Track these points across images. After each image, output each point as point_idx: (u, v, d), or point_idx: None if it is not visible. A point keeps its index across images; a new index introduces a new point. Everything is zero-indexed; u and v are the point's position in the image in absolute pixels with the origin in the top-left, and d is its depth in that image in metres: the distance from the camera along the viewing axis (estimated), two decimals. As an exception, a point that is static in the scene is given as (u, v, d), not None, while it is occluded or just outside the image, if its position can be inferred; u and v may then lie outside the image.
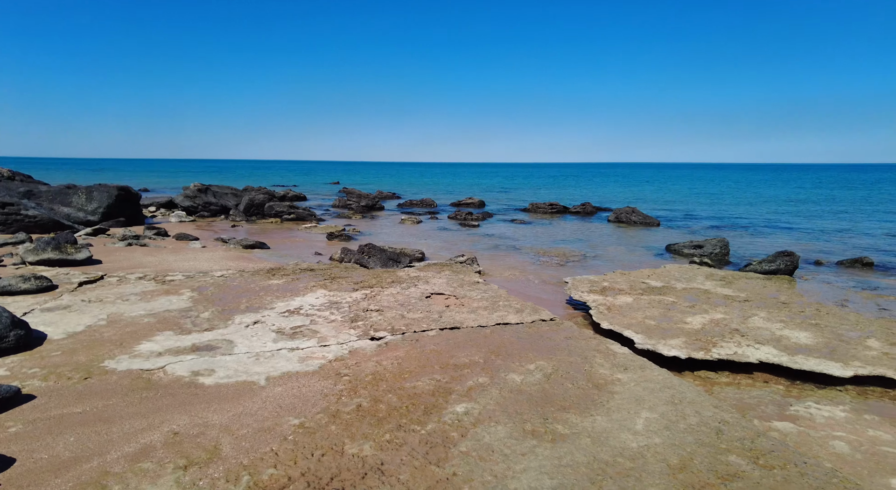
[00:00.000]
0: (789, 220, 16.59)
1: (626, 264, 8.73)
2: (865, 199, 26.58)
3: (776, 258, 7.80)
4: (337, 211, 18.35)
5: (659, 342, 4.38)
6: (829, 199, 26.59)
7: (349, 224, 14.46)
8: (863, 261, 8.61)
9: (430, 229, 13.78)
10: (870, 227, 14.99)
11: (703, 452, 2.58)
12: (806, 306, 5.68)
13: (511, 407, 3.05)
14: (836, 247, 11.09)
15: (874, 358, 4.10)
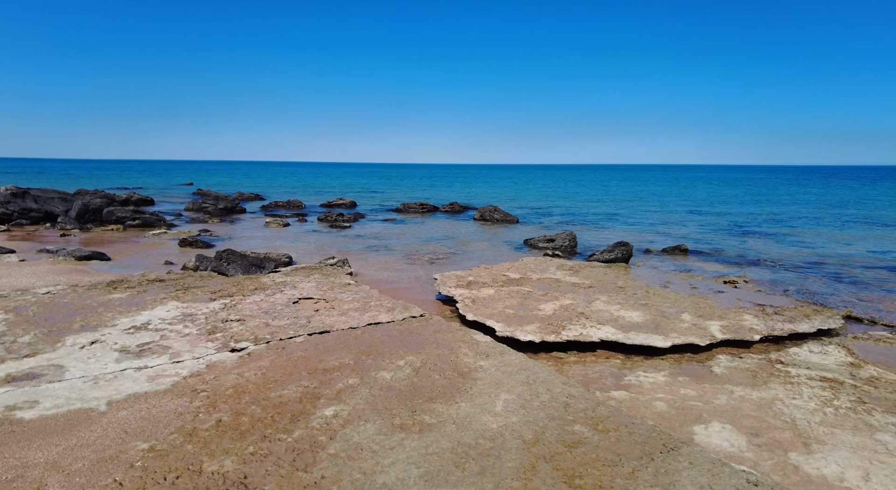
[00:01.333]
0: (628, 215, 18.93)
1: (490, 259, 9.27)
2: (689, 197, 31.27)
3: (615, 248, 8.88)
4: (191, 215, 16.81)
5: (517, 329, 4.76)
6: (660, 197, 30.81)
7: (206, 229, 13.34)
8: (680, 248, 10.17)
9: (299, 232, 13.29)
10: (687, 219, 17.71)
11: (553, 425, 2.88)
12: (638, 289, 6.55)
13: (381, 404, 3.10)
14: (661, 237, 12.93)
15: (686, 329, 4.89)
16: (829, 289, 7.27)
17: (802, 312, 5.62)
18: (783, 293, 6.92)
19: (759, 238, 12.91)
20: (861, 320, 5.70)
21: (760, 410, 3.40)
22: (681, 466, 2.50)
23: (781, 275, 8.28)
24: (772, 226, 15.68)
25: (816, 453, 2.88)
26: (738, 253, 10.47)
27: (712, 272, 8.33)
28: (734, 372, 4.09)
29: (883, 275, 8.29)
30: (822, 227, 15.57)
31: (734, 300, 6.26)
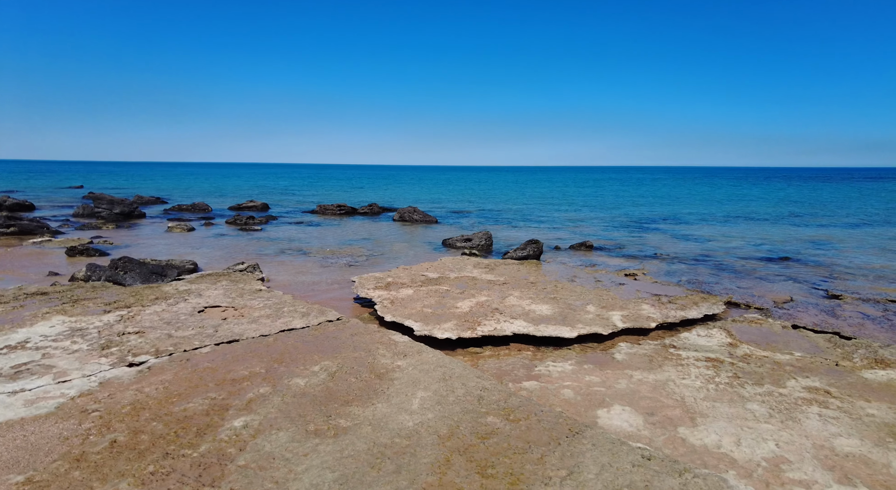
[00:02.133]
0: (540, 214, 19.80)
1: (409, 260, 9.31)
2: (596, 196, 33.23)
3: (527, 246, 9.26)
4: (81, 221, 15.27)
5: (434, 327, 4.83)
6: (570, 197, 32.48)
7: (99, 236, 12.19)
8: (586, 244, 10.82)
9: (205, 237, 12.53)
10: (594, 217, 18.85)
11: (467, 419, 2.97)
12: (548, 284, 6.88)
13: (294, 411, 3.03)
14: (570, 234, 13.67)
15: (591, 320, 5.22)
16: (714, 278, 8.07)
17: (692, 300, 6.20)
18: (676, 283, 7.59)
19: (656, 234, 14.04)
20: (739, 305, 6.40)
21: (655, 391, 3.72)
22: (584, 448, 2.68)
23: (675, 267, 9.07)
24: (668, 222, 17.11)
25: (700, 426, 3.20)
26: (638, 248, 11.33)
27: (615, 266, 8.95)
28: (633, 358, 4.43)
29: (757, 265, 9.35)
30: (709, 223, 17.23)
31: (634, 291, 6.77)
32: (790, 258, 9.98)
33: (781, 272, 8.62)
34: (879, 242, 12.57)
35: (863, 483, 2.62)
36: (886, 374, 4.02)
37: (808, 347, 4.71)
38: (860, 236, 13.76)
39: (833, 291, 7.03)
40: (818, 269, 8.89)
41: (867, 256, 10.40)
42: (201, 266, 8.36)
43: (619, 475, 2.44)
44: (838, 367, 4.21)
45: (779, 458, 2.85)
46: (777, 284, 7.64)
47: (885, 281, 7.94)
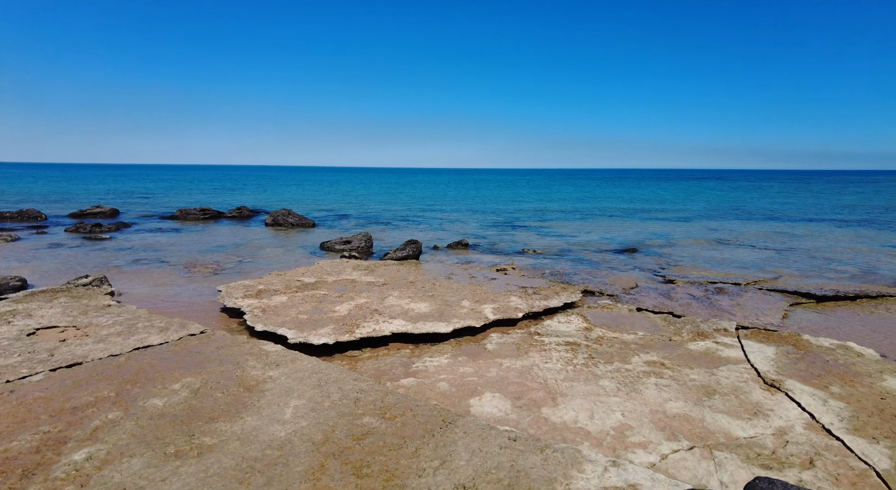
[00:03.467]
0: (419, 215, 20.14)
1: (284, 265, 8.93)
2: (471, 196, 34.55)
3: (406, 246, 9.39)
4: None
5: (310, 333, 4.70)
6: (448, 197, 33.42)
7: None
8: (462, 243, 11.27)
9: (37, 248, 10.82)
10: (470, 217, 19.65)
11: (343, 422, 2.95)
12: (426, 283, 7.05)
13: (151, 434, 2.77)
14: (447, 234, 14.11)
15: (465, 314, 5.46)
16: (573, 269, 8.88)
17: (554, 291, 6.76)
18: (541, 276, 8.22)
19: (525, 231, 15.05)
20: (594, 293, 7.12)
21: (522, 377, 4.01)
22: (457, 437, 2.82)
23: (540, 261, 9.82)
24: (535, 220, 18.42)
25: (560, 405, 3.53)
26: (508, 244, 12.06)
27: (488, 262, 9.44)
28: (503, 347, 4.73)
29: (609, 256, 10.48)
30: (570, 220, 18.89)
31: (504, 285, 7.20)
32: (636, 250, 11.33)
33: (629, 262, 9.76)
34: (704, 233, 14.78)
35: (685, 437, 3.09)
36: (704, 345, 4.77)
37: (648, 327, 5.40)
38: (690, 229, 16.06)
39: (669, 277, 8.13)
40: (658, 259, 10.21)
41: (695, 246, 12.18)
42: (32, 282, 7.22)
43: (488, 458, 2.61)
44: (671, 341, 4.90)
45: (624, 425, 3.25)
46: (625, 273, 8.64)
47: (707, 266, 9.37)
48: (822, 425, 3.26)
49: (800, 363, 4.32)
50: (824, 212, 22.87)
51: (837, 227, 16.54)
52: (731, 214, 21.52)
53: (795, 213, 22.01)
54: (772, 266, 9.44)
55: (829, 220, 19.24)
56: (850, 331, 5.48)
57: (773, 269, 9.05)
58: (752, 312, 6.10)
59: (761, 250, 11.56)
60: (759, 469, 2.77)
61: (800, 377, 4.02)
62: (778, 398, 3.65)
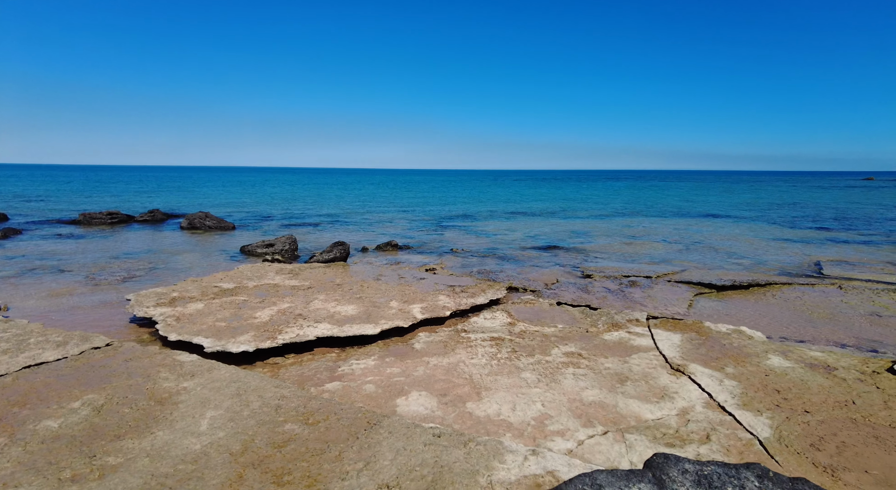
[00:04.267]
0: (348, 216, 19.81)
1: (201, 271, 8.46)
2: (400, 197, 34.43)
3: (333, 248, 9.21)
4: None
5: (229, 341, 4.50)
6: (377, 198, 33.11)
7: None
8: (391, 244, 11.23)
9: None
10: (399, 217, 19.60)
11: (263, 431, 2.86)
12: (354, 285, 6.96)
13: (42, 460, 2.53)
14: (377, 235, 14.00)
15: (394, 315, 5.45)
16: (499, 267, 9.12)
17: (480, 288, 6.91)
18: (469, 274, 8.37)
19: (453, 231, 15.25)
20: (518, 289, 7.36)
21: (448, 374, 4.08)
22: (381, 438, 2.82)
23: (468, 259, 9.99)
24: (463, 220, 18.71)
25: (485, 399, 3.62)
26: (438, 244, 12.17)
27: (417, 262, 9.47)
28: (430, 345, 4.77)
29: (532, 253, 10.86)
30: (497, 219, 19.37)
31: (433, 285, 7.26)
32: (557, 246, 11.83)
33: (550, 259, 10.17)
34: (620, 230, 15.69)
35: (599, 423, 3.28)
36: (618, 335, 5.08)
37: (568, 320, 5.66)
38: (608, 226, 17.00)
39: (587, 272, 8.57)
40: (578, 255, 10.72)
41: (611, 243, 12.91)
42: None
43: (413, 456, 2.63)
44: (588, 333, 5.17)
45: (544, 415, 3.39)
46: (547, 269, 9.00)
47: (622, 261, 9.97)
48: (718, 403, 3.59)
49: (701, 348, 4.71)
50: (725, 209, 25.04)
51: (734, 223, 18.17)
52: (645, 212, 23.00)
53: (701, 210, 23.92)
54: (679, 259, 10.20)
55: (728, 216, 21.09)
56: (743, 316, 6.05)
57: (681, 262, 9.79)
58: (662, 303, 6.57)
59: (671, 244, 12.46)
60: (663, 447, 2.99)
61: (701, 361, 4.39)
62: (682, 381, 3.96)
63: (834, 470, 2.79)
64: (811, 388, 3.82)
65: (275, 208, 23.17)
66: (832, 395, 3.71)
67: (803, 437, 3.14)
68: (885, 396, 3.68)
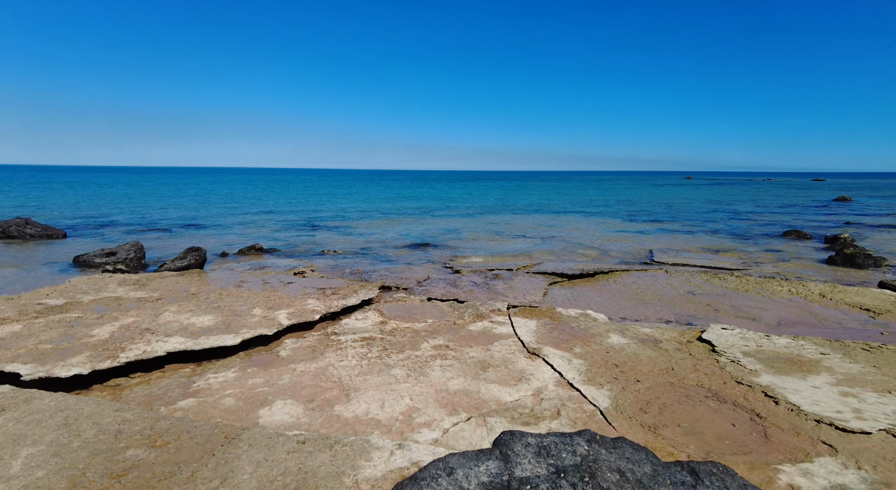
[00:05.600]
0: (206, 219, 18.24)
1: (20, 287, 7.22)
2: (266, 197, 32.54)
3: (187, 255, 8.44)
4: None
5: (56, 365, 3.91)
6: (240, 199, 30.92)
7: None
8: (255, 247, 10.60)
9: None
10: (264, 219, 18.55)
11: (98, 461, 2.54)
12: (212, 293, 6.46)
13: None
14: (239, 238, 13.11)
15: (257, 323, 5.17)
16: (372, 267, 9.10)
17: (352, 289, 6.84)
18: (341, 276, 8.23)
19: (325, 231, 14.86)
20: (391, 288, 7.42)
21: (316, 378, 3.98)
22: (241, 451, 2.67)
23: (341, 261, 9.82)
24: (336, 220, 18.31)
25: (353, 400, 3.61)
26: (308, 246, 11.76)
27: (285, 266, 9.07)
28: (298, 351, 4.61)
29: (405, 252, 11.02)
30: (370, 218, 19.26)
31: (301, 288, 7.02)
32: (430, 244, 12.13)
33: (423, 256, 10.40)
34: (486, 227, 16.56)
35: (464, 410, 3.45)
36: (482, 325, 5.38)
37: (437, 314, 5.85)
38: (476, 223, 17.83)
39: (456, 268, 8.92)
40: (448, 251, 11.10)
41: (478, 239, 13.57)
42: None
43: (275, 466, 2.54)
44: (455, 325, 5.39)
45: (411, 409, 3.48)
46: (419, 266, 9.19)
47: (488, 255, 10.54)
48: (568, 381, 3.98)
49: (554, 332, 5.18)
50: (577, 205, 27.69)
51: (585, 218, 20.19)
52: (510, 210, 24.54)
53: (558, 207, 26.17)
54: (537, 252, 11.07)
55: (579, 212, 23.36)
56: (589, 301, 6.76)
57: (538, 255, 10.63)
58: (521, 293, 7.08)
59: (530, 239, 13.46)
60: (520, 426, 3.24)
61: (554, 343, 4.82)
62: (537, 364, 4.32)
63: (656, 428, 3.26)
64: (642, 360, 4.41)
65: (120, 212, 20.52)
66: (657, 365, 4.32)
67: (634, 403, 3.62)
68: (695, 361, 4.39)
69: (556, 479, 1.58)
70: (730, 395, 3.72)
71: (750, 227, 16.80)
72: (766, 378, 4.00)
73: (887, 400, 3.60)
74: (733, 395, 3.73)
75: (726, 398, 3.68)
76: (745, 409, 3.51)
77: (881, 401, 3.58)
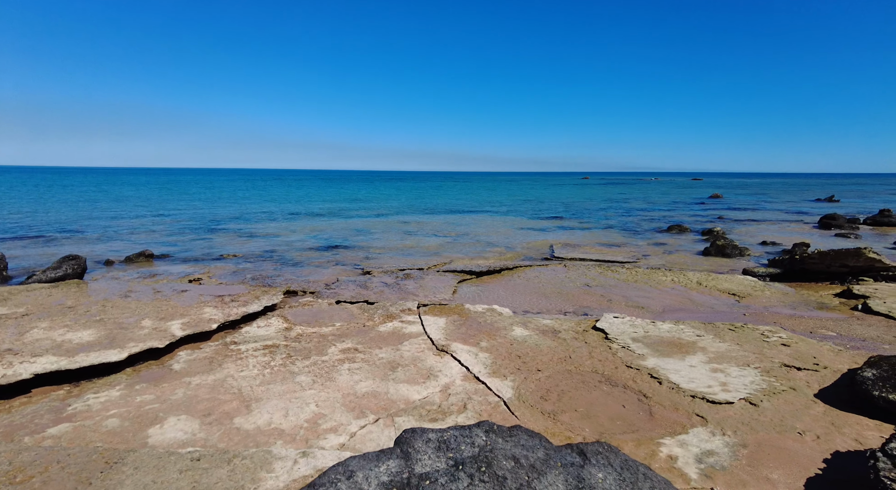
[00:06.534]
0: (84, 223, 16.44)
1: None
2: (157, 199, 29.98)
3: (62, 264, 7.57)
4: None
5: None
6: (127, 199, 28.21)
7: None
8: (145, 254, 9.75)
9: None
10: (155, 223, 17.10)
11: (-56, 505, 2.21)
12: (93, 305, 5.85)
13: None
14: (127, 244, 11.98)
15: (146, 335, 4.76)
16: (277, 271, 8.73)
17: (254, 295, 6.52)
18: (242, 282, 7.81)
19: (225, 235, 14.00)
20: (297, 292, 7.16)
21: (214, 391, 3.75)
22: (124, 477, 2.45)
23: (242, 266, 9.31)
24: (236, 222, 17.32)
25: (255, 411, 3.44)
26: (206, 251, 11.02)
27: (179, 273, 8.43)
28: (193, 364, 4.31)
29: (313, 254, 10.69)
30: (275, 220, 18.46)
31: (197, 296, 6.56)
32: (339, 246, 11.88)
33: (332, 258, 10.16)
34: (398, 227, 16.53)
35: (371, 412, 3.43)
36: (392, 325, 5.37)
37: (346, 317, 5.74)
38: (388, 224, 17.74)
39: (366, 269, 8.81)
40: (358, 252, 10.94)
41: (390, 239, 13.52)
42: None
43: (164, 487, 2.35)
44: (365, 327, 5.33)
45: (317, 415, 3.39)
46: (328, 269, 8.97)
47: (399, 255, 10.53)
48: (474, 375, 4.09)
49: (462, 328, 5.30)
50: (486, 205, 28.52)
51: (492, 217, 20.85)
52: (421, 210, 24.69)
53: (468, 207, 26.77)
54: (448, 251, 11.26)
55: (488, 211, 24.08)
56: (495, 297, 7.00)
57: (449, 254, 10.81)
58: (431, 292, 7.16)
59: (442, 238, 13.65)
60: (427, 423, 3.28)
61: (461, 339, 4.93)
62: (446, 360, 4.39)
63: (555, 414, 3.45)
64: (543, 351, 4.64)
65: (-27, 217, 17.87)
66: (557, 354, 4.57)
67: (535, 391, 3.80)
68: (590, 348, 4.70)
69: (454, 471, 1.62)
70: (620, 379, 4.03)
71: (639, 223, 18.30)
72: (651, 361, 4.38)
73: (746, 372, 4.10)
74: (623, 378, 4.05)
75: (617, 382, 3.99)
76: (633, 391, 3.82)
77: (742, 373, 4.07)
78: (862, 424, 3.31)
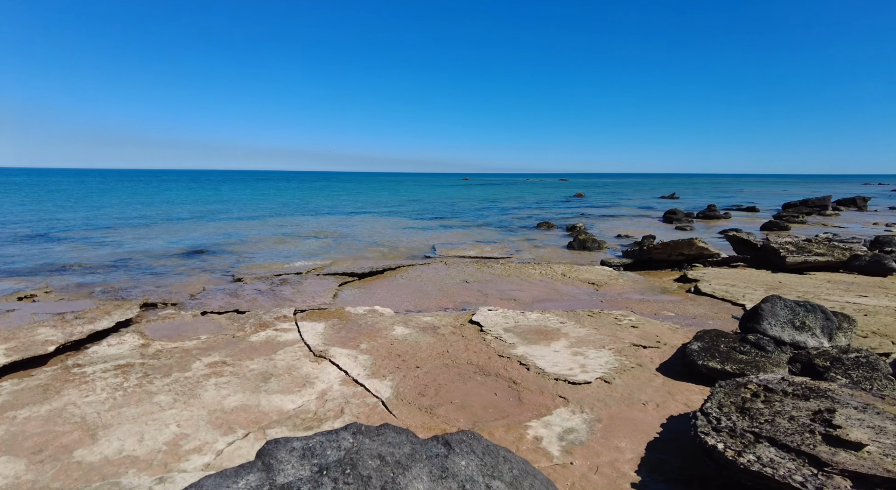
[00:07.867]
0: None
1: None
2: None
3: None
4: None
5: None
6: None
7: None
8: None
9: None
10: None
11: None
12: None
13: None
14: (-69, 258, 9.94)
15: (-44, 366, 4.00)
16: (133, 282, 7.84)
17: (104, 310, 5.79)
18: (89, 295, 6.90)
19: (67, 244, 12.24)
20: (156, 305, 6.50)
21: (49, 423, 3.27)
22: (-79, 537, 2.04)
23: (90, 277, 8.22)
24: (80, 229, 15.23)
25: (102, 439, 3.07)
26: (41, 262, 9.53)
27: (6, 289, 7.20)
28: (22, 394, 3.72)
29: (175, 262, 9.77)
30: (129, 225, 16.55)
31: (29, 315, 5.66)
32: (205, 251, 10.99)
33: (197, 265, 9.37)
34: (274, 230, 15.74)
35: (241, 427, 3.24)
36: (266, 334, 5.11)
37: (213, 329, 5.34)
38: (262, 226, 16.79)
39: (237, 275, 8.27)
40: (228, 258, 10.21)
41: (265, 243, 12.82)
42: None
43: (-23, 544, 2.01)
44: (234, 338, 5.01)
45: (179, 436, 3.11)
46: (193, 277, 8.26)
47: (275, 260, 10.03)
48: (353, 378, 4.04)
49: (342, 331, 5.21)
50: (369, 206, 28.28)
51: (375, 218, 20.75)
52: (300, 211, 23.75)
53: (351, 208, 26.31)
54: (329, 253, 10.97)
55: (371, 211, 23.90)
56: (377, 297, 6.98)
57: (330, 256, 10.55)
58: (310, 296, 6.93)
59: (322, 240, 13.27)
60: (302, 432, 3.18)
61: (341, 343, 4.85)
62: (323, 366, 4.29)
63: (432, 408, 3.55)
64: (422, 347, 4.73)
65: None
66: (435, 349, 4.69)
67: (414, 388, 3.87)
68: (466, 341, 4.90)
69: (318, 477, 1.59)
70: (493, 369, 4.25)
71: (513, 221, 19.43)
72: (521, 349, 4.68)
73: (602, 354, 4.56)
74: (496, 367, 4.28)
75: (490, 371, 4.20)
76: (504, 379, 4.06)
77: (598, 355, 4.52)
78: (691, 390, 3.86)
